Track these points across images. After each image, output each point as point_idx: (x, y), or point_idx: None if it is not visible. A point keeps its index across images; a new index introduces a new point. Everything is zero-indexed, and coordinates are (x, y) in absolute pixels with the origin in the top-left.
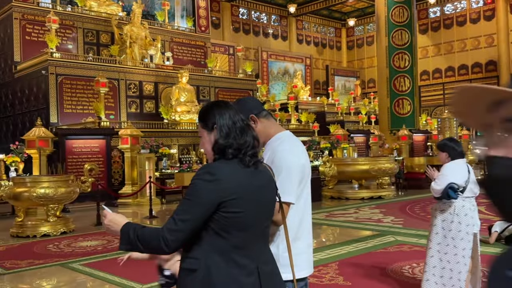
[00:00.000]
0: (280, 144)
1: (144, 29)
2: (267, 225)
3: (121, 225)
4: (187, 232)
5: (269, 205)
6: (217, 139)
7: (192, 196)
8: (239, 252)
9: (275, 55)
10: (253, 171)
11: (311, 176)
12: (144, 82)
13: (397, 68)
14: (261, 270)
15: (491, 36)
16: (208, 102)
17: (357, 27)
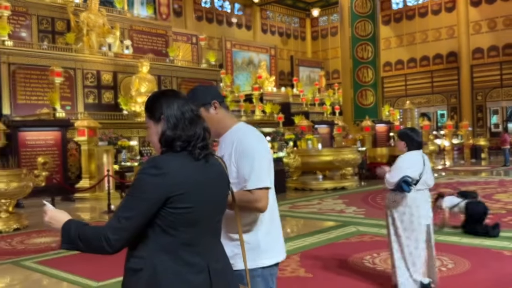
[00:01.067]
0: (245, 133)
1: (102, 16)
2: (219, 220)
3: (62, 223)
4: (131, 230)
5: (221, 200)
6: (164, 131)
7: (137, 191)
8: (187, 250)
9: (239, 45)
10: (203, 165)
11: (275, 167)
12: (102, 71)
13: (361, 59)
14: (212, 268)
15: (451, 27)
16: (155, 91)
17: (321, 17)
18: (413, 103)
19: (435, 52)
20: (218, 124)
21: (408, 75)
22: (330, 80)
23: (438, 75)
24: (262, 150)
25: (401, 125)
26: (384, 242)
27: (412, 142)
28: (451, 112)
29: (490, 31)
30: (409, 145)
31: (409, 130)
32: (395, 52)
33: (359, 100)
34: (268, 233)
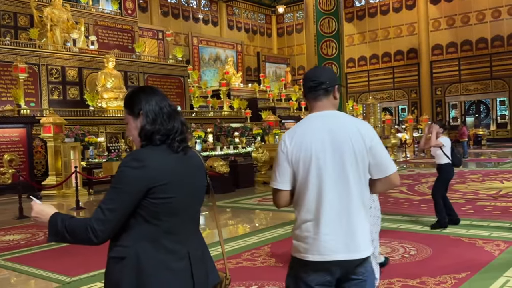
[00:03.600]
0: None
1: (66, 11)
2: (198, 210)
3: (48, 216)
4: (115, 221)
5: (199, 191)
6: (144, 125)
7: (119, 184)
8: (169, 238)
9: (206, 41)
10: (182, 157)
11: (244, 162)
12: (67, 67)
13: (325, 56)
14: (192, 255)
15: (412, 24)
16: (134, 88)
17: (286, 14)
18: (376, 98)
19: (396, 49)
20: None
21: (371, 71)
22: (296, 76)
23: (399, 71)
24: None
25: (364, 120)
26: None
27: None
28: (412, 106)
29: (449, 28)
30: None
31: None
32: (358, 49)
33: None
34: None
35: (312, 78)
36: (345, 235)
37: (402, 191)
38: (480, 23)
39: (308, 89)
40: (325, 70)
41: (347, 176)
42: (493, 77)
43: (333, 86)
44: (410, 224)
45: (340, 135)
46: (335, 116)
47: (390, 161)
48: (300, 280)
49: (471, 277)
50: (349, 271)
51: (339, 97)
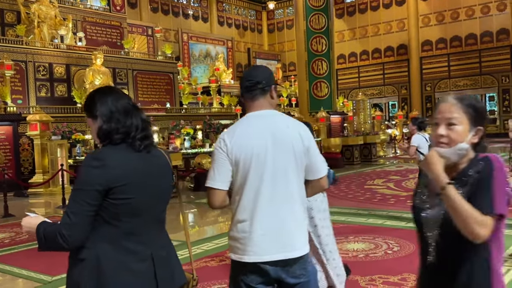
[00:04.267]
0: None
1: (53, 7)
2: (163, 210)
3: (35, 227)
4: (83, 223)
5: (164, 191)
6: (101, 125)
7: (81, 185)
8: (130, 239)
9: (196, 37)
10: (144, 156)
11: None
12: (55, 64)
13: (315, 52)
14: (156, 256)
15: (402, 21)
16: (91, 91)
17: (277, 10)
18: (366, 95)
19: (386, 45)
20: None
21: (361, 67)
22: (287, 73)
23: (389, 67)
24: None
25: (354, 116)
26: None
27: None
28: (402, 102)
29: (439, 24)
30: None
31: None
32: (348, 45)
33: (314, 92)
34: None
35: (248, 77)
36: (282, 235)
37: (389, 187)
38: (469, 19)
39: (245, 89)
40: (262, 69)
41: (287, 176)
42: (483, 73)
43: (270, 85)
44: (395, 221)
45: (281, 135)
46: (275, 116)
47: (323, 164)
48: (241, 281)
49: None
50: (287, 270)
51: (276, 96)
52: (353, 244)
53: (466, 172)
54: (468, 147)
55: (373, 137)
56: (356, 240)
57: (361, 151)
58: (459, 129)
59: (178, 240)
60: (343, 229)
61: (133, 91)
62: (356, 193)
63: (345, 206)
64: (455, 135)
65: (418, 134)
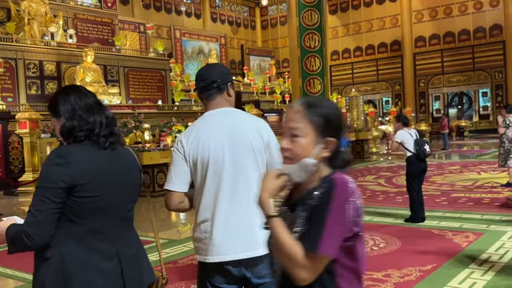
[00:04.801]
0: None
1: (44, 5)
2: (130, 209)
3: (5, 229)
4: (47, 221)
5: (130, 188)
6: (64, 123)
7: (44, 182)
8: (95, 237)
9: (189, 34)
10: (109, 153)
11: None
12: (45, 61)
13: (308, 48)
14: (122, 254)
15: (395, 16)
16: (56, 90)
17: (270, 6)
18: (359, 91)
19: (380, 41)
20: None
21: (355, 63)
22: (281, 69)
23: (382, 63)
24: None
25: (347, 112)
26: None
27: None
28: (395, 98)
29: (432, 20)
30: None
31: None
32: (342, 41)
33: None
34: None
35: (203, 77)
36: (244, 234)
37: (379, 184)
38: (462, 15)
39: (201, 89)
40: (217, 67)
41: (247, 174)
42: (476, 69)
43: (226, 83)
44: (383, 217)
45: (238, 133)
46: (232, 114)
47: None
48: (207, 282)
49: (436, 269)
50: (252, 270)
51: (233, 93)
52: None
53: (311, 193)
54: (315, 162)
55: (366, 133)
56: None
57: (353, 148)
58: (302, 142)
59: (162, 238)
60: None
61: (124, 89)
62: None
63: None
64: (298, 149)
65: (403, 130)
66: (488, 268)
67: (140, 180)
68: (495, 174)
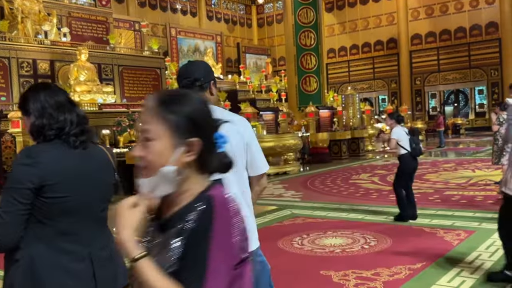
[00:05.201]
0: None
1: (37, 3)
2: (103, 209)
3: None
4: (15, 223)
5: (103, 188)
6: (33, 122)
7: (13, 183)
8: (66, 239)
9: (185, 32)
10: (80, 153)
11: None
12: (39, 60)
13: (304, 46)
14: (95, 256)
15: (391, 14)
16: (27, 88)
17: (266, 4)
18: (356, 89)
19: (376, 39)
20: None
21: (351, 61)
22: (277, 67)
23: (379, 61)
24: None
25: (343, 110)
26: (314, 223)
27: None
28: (392, 96)
29: (428, 18)
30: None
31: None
32: (338, 39)
33: (303, 86)
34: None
35: (185, 75)
36: None
37: (373, 182)
38: (458, 12)
39: (182, 87)
40: (199, 65)
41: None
42: (472, 66)
43: (209, 82)
44: (375, 215)
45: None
46: (214, 112)
47: (263, 160)
48: None
49: (425, 268)
50: None
51: (216, 92)
52: (331, 239)
53: (184, 215)
54: (178, 170)
55: (361, 131)
56: (335, 235)
57: (349, 146)
58: (156, 146)
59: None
60: (323, 225)
61: (119, 87)
62: (341, 188)
63: (328, 201)
64: (152, 156)
65: (398, 127)
66: (477, 266)
67: (114, 180)
68: (489, 171)
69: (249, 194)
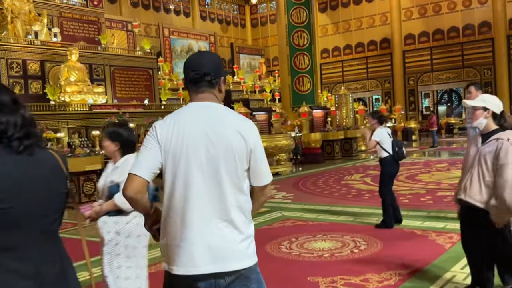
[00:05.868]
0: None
1: (27, 3)
2: (53, 221)
3: None
4: None
5: (53, 198)
6: None
7: None
8: (9, 255)
9: (178, 32)
10: (25, 159)
11: None
12: (29, 60)
13: (297, 46)
14: (43, 273)
15: (384, 14)
16: None
17: (260, 4)
18: (350, 89)
19: (370, 39)
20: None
21: (345, 61)
22: (271, 67)
23: (372, 61)
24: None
25: (337, 110)
26: (304, 226)
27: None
28: (385, 96)
29: (421, 17)
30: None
31: (117, 127)
32: (332, 39)
33: (297, 86)
34: None
35: (194, 67)
36: (214, 244)
37: (366, 182)
38: (451, 12)
39: (190, 81)
40: (210, 58)
41: (221, 176)
42: (465, 66)
43: (219, 78)
44: (366, 217)
45: (219, 131)
46: (217, 110)
47: (268, 170)
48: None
49: (416, 273)
50: (222, 286)
51: (224, 89)
52: (320, 243)
53: None
54: None
55: (354, 131)
56: (324, 238)
57: (342, 146)
58: None
59: None
60: (313, 227)
61: (110, 87)
62: (332, 189)
63: (319, 203)
64: None
65: (380, 128)
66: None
67: (65, 189)
68: None
69: (242, 208)
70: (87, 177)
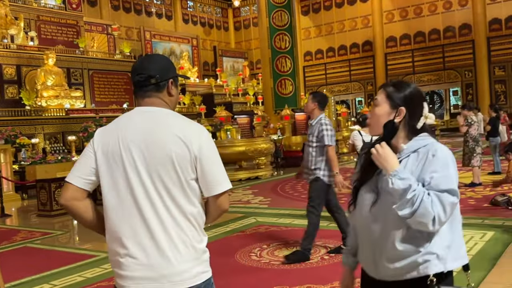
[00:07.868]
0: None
1: (4, 6)
2: None
3: None
4: None
5: None
6: None
7: None
8: None
9: (160, 35)
10: None
11: None
12: (4, 65)
13: (278, 49)
14: None
15: (366, 17)
16: None
17: (243, 7)
18: (333, 91)
19: (352, 42)
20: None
21: (328, 64)
22: (254, 70)
23: (355, 64)
24: None
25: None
26: (277, 232)
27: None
28: (368, 99)
29: (402, 20)
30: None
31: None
32: (314, 42)
33: (279, 89)
34: None
35: (138, 70)
36: (160, 259)
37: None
38: (432, 15)
39: (135, 84)
40: (156, 60)
41: (157, 187)
42: (446, 68)
43: (167, 80)
44: None
45: (157, 138)
46: (160, 115)
47: (221, 177)
48: None
49: None
50: None
51: (176, 93)
52: (292, 249)
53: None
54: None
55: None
56: (296, 245)
57: None
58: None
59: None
60: (286, 233)
61: (89, 91)
62: None
63: (295, 208)
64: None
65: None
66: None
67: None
68: (460, 173)
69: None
70: (58, 184)
